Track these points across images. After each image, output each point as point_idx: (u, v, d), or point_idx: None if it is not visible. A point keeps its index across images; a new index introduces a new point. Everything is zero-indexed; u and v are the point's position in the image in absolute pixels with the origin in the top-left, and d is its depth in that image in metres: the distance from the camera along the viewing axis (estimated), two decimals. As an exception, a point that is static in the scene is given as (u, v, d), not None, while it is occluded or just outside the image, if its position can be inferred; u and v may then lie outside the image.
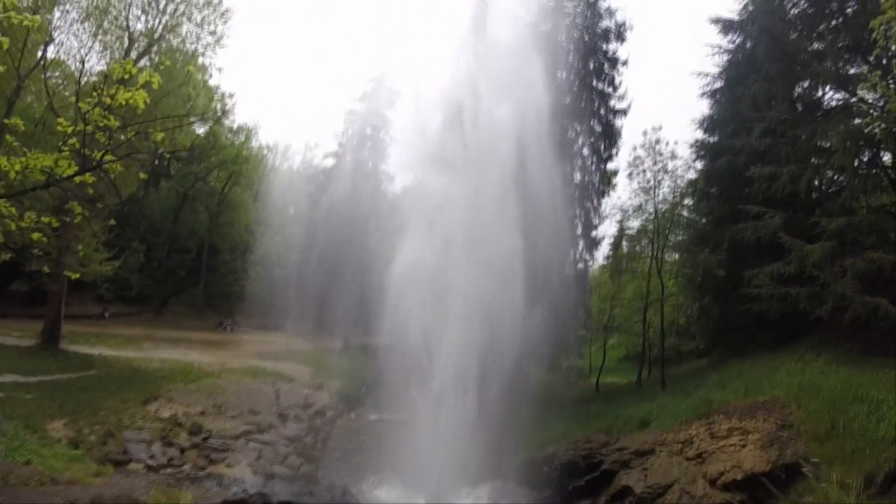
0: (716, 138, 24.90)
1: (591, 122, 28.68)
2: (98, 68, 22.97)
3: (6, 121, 6.39)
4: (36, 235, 6.22)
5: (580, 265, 29.45)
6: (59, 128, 6.22)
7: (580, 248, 28.84)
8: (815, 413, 12.79)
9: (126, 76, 6.11)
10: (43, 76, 21.36)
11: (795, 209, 19.42)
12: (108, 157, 6.11)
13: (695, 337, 27.57)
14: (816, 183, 20.37)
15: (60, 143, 6.19)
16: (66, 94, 23.29)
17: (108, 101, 6.18)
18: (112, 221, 18.48)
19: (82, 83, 21.31)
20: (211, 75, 27.73)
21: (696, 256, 23.15)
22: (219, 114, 41.62)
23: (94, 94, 6.13)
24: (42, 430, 15.15)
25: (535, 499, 16.90)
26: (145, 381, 22.38)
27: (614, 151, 29.29)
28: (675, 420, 16.19)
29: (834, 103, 20.36)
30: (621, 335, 33.05)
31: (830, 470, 10.25)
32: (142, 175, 16.03)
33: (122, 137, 6.61)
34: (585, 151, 28.78)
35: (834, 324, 16.80)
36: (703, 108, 26.84)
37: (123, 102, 6.22)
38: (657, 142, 25.11)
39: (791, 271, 17.56)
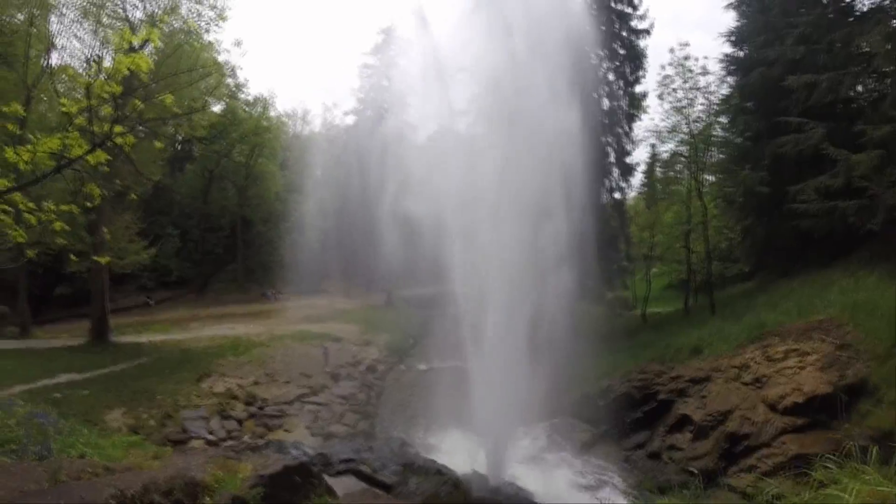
0: (746, 51, 23.58)
1: (614, 46, 27.44)
2: (105, 65, 22.90)
3: (4, 108, 6.18)
4: (58, 225, 6.07)
5: (616, 194, 28.80)
6: (63, 108, 6.00)
7: (615, 176, 28.12)
8: (873, 332, 12.37)
9: (126, 45, 5.85)
10: (51, 83, 21.31)
11: (836, 120, 18.37)
12: (117, 129, 5.87)
13: (738, 260, 26.90)
14: (855, 91, 19.30)
15: (67, 124, 5.98)
16: (78, 97, 23.33)
17: (109, 70, 5.93)
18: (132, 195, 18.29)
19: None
20: (219, 52, 27.23)
21: (737, 175, 22.23)
22: (232, 88, 41.33)
23: (94, 64, 5.93)
24: (101, 421, 15.64)
25: (593, 434, 16.89)
26: (196, 360, 22.92)
27: (641, 74, 28.14)
28: (729, 345, 15.88)
29: (867, 6, 19.01)
30: (664, 264, 32.36)
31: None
32: (157, 145, 15.48)
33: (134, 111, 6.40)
34: (611, 76, 27.71)
35: (886, 238, 16.21)
36: (730, 20, 25.25)
37: (126, 71, 5.95)
38: (686, 58, 23.79)
39: (838, 184, 16.78)
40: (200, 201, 48.33)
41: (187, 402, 18.76)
